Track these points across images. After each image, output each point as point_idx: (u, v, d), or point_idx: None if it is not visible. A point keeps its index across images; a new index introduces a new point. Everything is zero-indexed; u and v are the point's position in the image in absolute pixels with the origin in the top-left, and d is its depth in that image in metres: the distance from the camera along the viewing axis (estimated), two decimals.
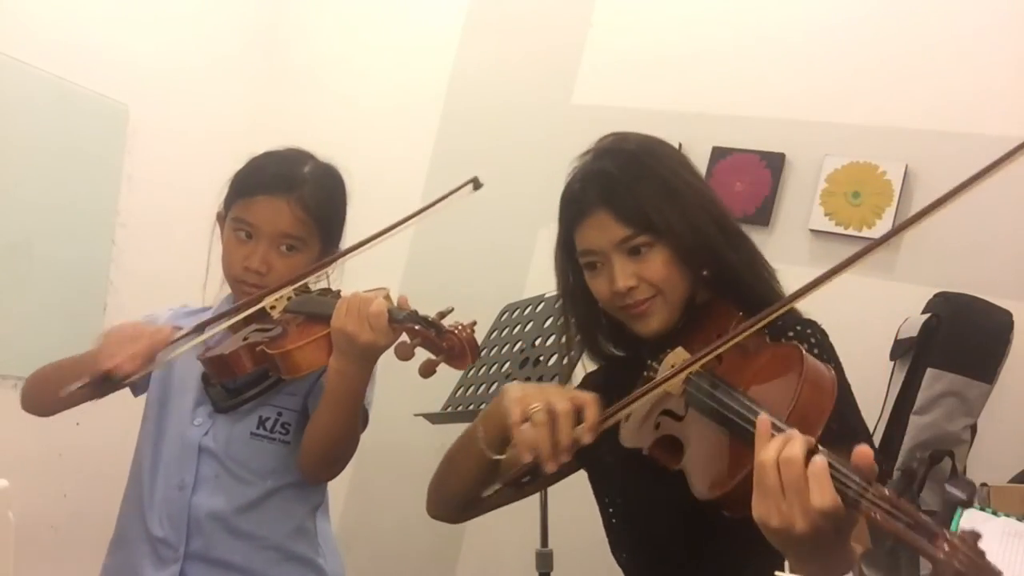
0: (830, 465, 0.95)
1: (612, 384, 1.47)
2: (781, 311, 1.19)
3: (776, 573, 1.00)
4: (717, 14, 2.87)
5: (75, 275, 2.81)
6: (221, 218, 1.70)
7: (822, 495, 0.94)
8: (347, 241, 1.72)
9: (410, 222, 1.62)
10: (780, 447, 0.98)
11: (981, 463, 2.25)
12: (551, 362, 2.12)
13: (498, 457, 1.36)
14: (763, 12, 2.81)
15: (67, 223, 2.76)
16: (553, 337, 2.17)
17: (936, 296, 2.33)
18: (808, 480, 0.95)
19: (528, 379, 2.13)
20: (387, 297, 1.50)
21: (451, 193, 1.63)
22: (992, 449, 2.28)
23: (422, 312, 1.41)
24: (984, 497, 1.89)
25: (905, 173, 2.54)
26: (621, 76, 2.94)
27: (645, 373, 1.36)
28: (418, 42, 3.29)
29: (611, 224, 1.35)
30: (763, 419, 1.03)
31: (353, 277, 1.72)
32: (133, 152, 2.92)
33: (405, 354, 1.41)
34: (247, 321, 1.60)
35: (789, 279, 1.39)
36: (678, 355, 1.30)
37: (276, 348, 1.50)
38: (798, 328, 1.32)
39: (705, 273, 1.37)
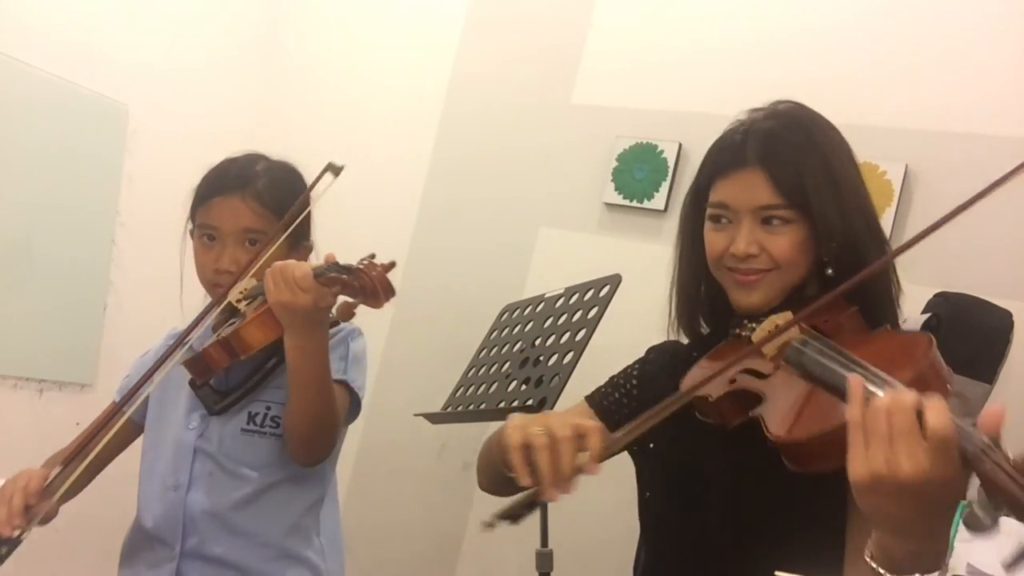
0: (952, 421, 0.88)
1: (680, 355, 1.45)
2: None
3: (776, 573, 0.99)
4: (717, 14, 2.87)
5: (75, 275, 2.81)
6: (192, 232, 1.74)
7: (937, 428, 0.86)
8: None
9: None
10: (891, 396, 0.92)
11: None
12: (551, 362, 2.11)
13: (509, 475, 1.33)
14: (763, 12, 2.81)
15: (67, 223, 2.76)
16: (553, 337, 2.17)
17: (936, 296, 2.33)
18: (919, 424, 0.89)
19: (528, 379, 2.13)
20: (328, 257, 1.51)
21: (311, 186, 1.61)
22: None
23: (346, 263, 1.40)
24: None
25: (905, 173, 2.54)
26: (621, 76, 2.94)
27: (737, 331, 1.30)
28: (418, 42, 3.29)
29: (762, 185, 1.27)
30: (855, 379, 0.97)
31: None
32: (133, 152, 2.93)
33: (346, 313, 1.43)
34: (226, 320, 1.63)
35: None
36: (784, 316, 1.23)
37: (228, 331, 1.52)
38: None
39: (830, 272, 1.29)
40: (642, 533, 1.46)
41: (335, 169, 1.54)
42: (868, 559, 0.96)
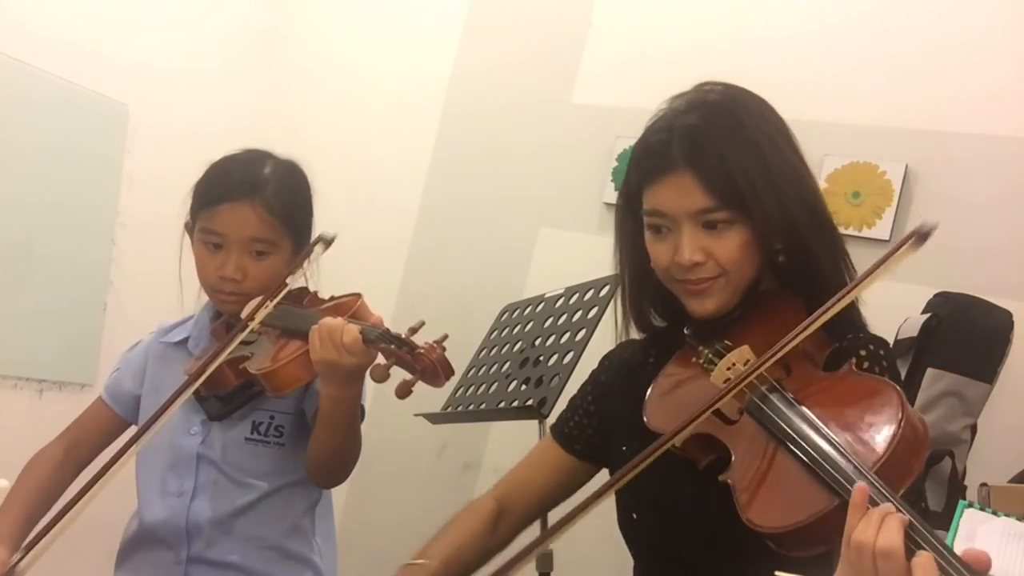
0: (937, 562, 0.89)
1: (635, 359, 1.41)
2: (848, 295, 1.09)
3: (777, 573, 0.99)
4: (717, 14, 2.87)
5: (75, 275, 2.81)
6: (189, 228, 1.71)
7: None
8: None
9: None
10: (877, 529, 0.91)
11: (981, 463, 2.25)
12: (551, 362, 2.11)
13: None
14: (763, 12, 2.81)
15: (67, 223, 2.76)
16: (553, 337, 2.17)
17: (936, 296, 2.33)
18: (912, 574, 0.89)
19: (528, 379, 2.13)
20: (359, 308, 1.50)
21: (308, 255, 1.54)
22: (992, 449, 2.28)
23: (394, 330, 1.40)
24: (984, 497, 1.89)
25: (905, 173, 2.54)
26: (621, 76, 2.94)
27: (691, 355, 1.24)
28: (418, 42, 3.29)
29: (694, 190, 1.19)
30: (861, 488, 0.95)
31: (354, 277, 1.72)
32: (133, 152, 2.92)
33: (381, 376, 1.41)
34: (228, 328, 1.60)
35: None
36: (743, 354, 1.17)
37: (259, 368, 1.50)
38: (871, 347, 1.20)
39: (782, 259, 1.24)
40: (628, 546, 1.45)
41: (326, 241, 1.50)
42: None
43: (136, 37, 2.92)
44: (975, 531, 1.25)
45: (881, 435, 1.01)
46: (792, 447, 1.04)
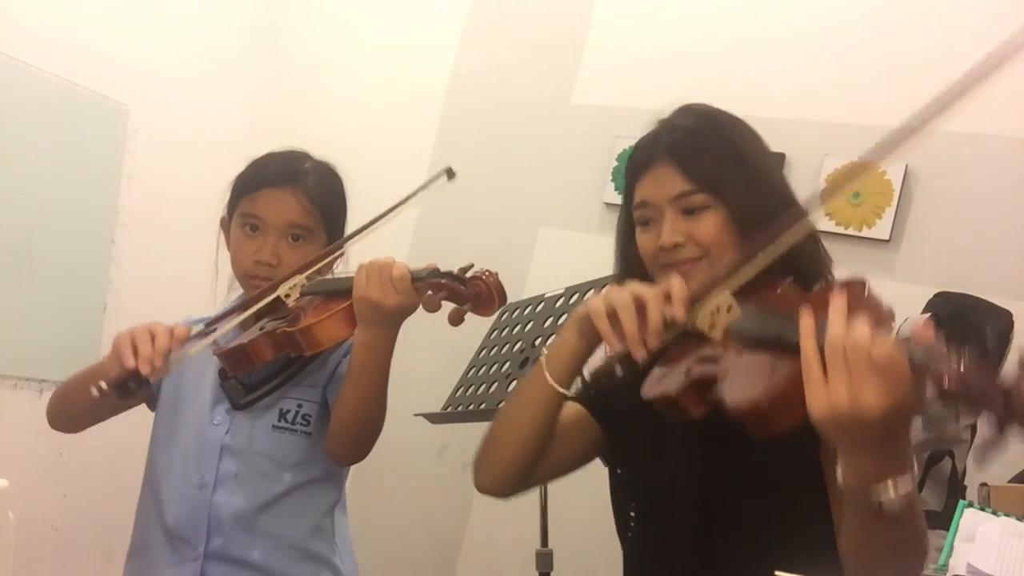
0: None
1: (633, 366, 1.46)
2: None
3: (776, 573, 0.99)
4: (717, 14, 2.87)
5: (75, 275, 2.81)
6: (225, 223, 1.71)
7: (890, 354, 0.92)
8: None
9: (394, 212, 1.61)
10: (842, 327, 0.95)
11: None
12: None
13: (569, 395, 1.32)
14: (763, 12, 2.81)
15: (67, 223, 2.76)
16: (553, 337, 2.17)
17: (936, 296, 2.33)
18: (874, 353, 0.93)
19: None
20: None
21: (427, 184, 1.61)
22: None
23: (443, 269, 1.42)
24: (984, 497, 1.89)
25: (905, 173, 2.54)
26: (621, 76, 2.94)
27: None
28: (418, 42, 3.30)
29: (673, 176, 1.30)
30: (806, 312, 1.00)
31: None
32: (133, 152, 2.93)
33: (433, 306, 1.43)
34: (258, 317, 1.61)
35: None
36: (724, 299, 1.21)
37: (295, 326, 1.50)
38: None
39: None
40: (621, 540, 1.47)
41: (450, 174, 1.55)
42: (845, 488, 1.00)
43: (136, 37, 2.92)
44: (975, 531, 1.25)
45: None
46: (773, 338, 1.10)
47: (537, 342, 2.20)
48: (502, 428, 1.39)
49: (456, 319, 1.40)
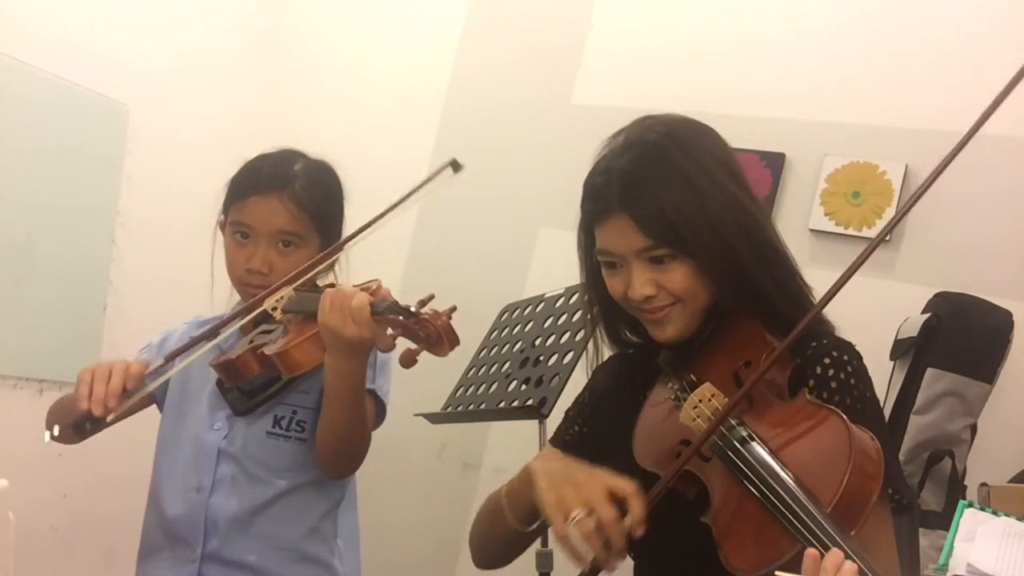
0: None
1: (625, 373, 1.45)
2: (801, 327, 1.14)
3: (777, 573, 1.00)
4: (717, 14, 2.87)
5: (75, 275, 2.81)
6: (222, 225, 1.72)
7: None
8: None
9: (398, 208, 1.62)
10: None
11: (981, 463, 2.25)
12: (551, 362, 2.12)
13: (530, 530, 1.34)
14: (763, 12, 2.81)
15: (67, 223, 2.76)
16: (553, 337, 2.17)
17: (936, 296, 2.33)
18: None
19: (528, 379, 2.13)
20: (376, 289, 1.51)
21: (432, 177, 1.61)
22: (992, 449, 2.28)
23: (405, 303, 1.40)
24: (984, 497, 1.89)
25: (905, 173, 2.54)
26: (621, 76, 2.94)
27: (668, 381, 1.30)
28: (418, 42, 3.29)
29: (631, 232, 1.25)
30: (810, 555, 0.98)
31: (355, 277, 1.72)
32: (133, 152, 2.92)
33: (387, 345, 1.42)
34: (256, 324, 1.61)
35: None
36: (705, 391, 1.23)
37: (273, 349, 1.51)
38: (834, 354, 1.25)
39: (727, 287, 1.28)
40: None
41: (456, 166, 1.53)
42: None
43: (136, 37, 2.92)
44: (975, 531, 1.25)
45: (833, 473, 1.06)
46: (754, 490, 1.10)
47: (537, 342, 2.20)
48: (482, 533, 1.47)
49: (408, 360, 1.38)
